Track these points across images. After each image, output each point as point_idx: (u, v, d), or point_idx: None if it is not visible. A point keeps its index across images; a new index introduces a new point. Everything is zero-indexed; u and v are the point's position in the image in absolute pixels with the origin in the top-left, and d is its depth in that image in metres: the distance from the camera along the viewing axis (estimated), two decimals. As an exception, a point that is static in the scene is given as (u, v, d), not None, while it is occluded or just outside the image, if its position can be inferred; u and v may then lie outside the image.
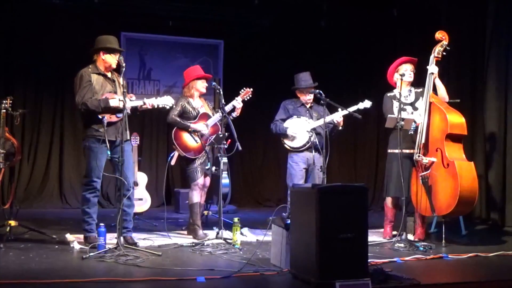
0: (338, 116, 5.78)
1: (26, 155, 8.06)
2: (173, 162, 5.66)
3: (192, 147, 5.54)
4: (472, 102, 6.92)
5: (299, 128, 5.89)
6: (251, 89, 5.69)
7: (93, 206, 4.94)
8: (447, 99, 5.49)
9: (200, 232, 5.44)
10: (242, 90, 5.69)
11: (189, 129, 5.52)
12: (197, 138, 5.52)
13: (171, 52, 9.02)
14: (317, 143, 5.76)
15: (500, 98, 6.63)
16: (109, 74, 5.00)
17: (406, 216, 5.22)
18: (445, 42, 5.42)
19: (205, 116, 5.62)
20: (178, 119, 5.55)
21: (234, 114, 5.60)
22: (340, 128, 5.90)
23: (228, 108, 5.55)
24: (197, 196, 5.55)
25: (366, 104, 5.83)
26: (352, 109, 5.77)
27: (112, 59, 4.93)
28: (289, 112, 6.00)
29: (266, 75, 8.69)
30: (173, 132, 5.59)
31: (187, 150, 5.52)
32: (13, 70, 8.14)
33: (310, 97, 5.94)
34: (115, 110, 4.80)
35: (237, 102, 5.57)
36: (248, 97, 5.71)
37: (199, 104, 5.69)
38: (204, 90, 5.73)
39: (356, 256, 3.64)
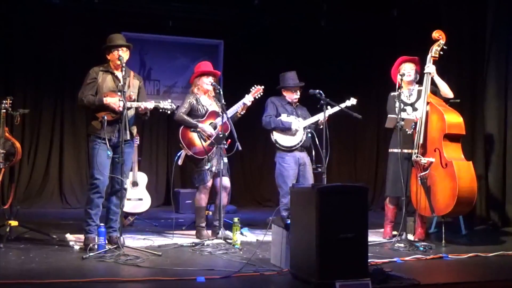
0: (326, 115, 5.58)
1: (26, 155, 8.06)
2: (180, 162, 5.49)
3: (200, 147, 5.36)
4: (472, 102, 6.91)
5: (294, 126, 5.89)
6: (262, 87, 5.63)
7: (96, 207, 4.82)
8: (450, 95, 5.43)
9: (205, 232, 5.40)
10: (253, 88, 5.62)
11: (197, 129, 5.39)
12: (205, 138, 5.38)
13: (171, 52, 9.03)
14: (310, 142, 5.82)
15: (500, 98, 6.62)
16: (118, 73, 4.92)
17: (406, 216, 5.21)
18: (442, 41, 5.40)
19: (214, 114, 5.48)
20: (185, 117, 5.40)
21: (241, 111, 5.54)
22: (321, 127, 5.69)
23: (237, 106, 5.50)
24: (204, 200, 5.41)
25: (352, 101, 5.88)
26: (336, 109, 5.69)
27: (114, 56, 4.89)
28: (277, 109, 5.97)
29: (266, 75, 8.62)
30: (180, 130, 5.41)
31: (195, 150, 5.37)
32: (13, 70, 8.14)
33: (297, 96, 5.98)
34: (111, 109, 4.78)
35: (248, 100, 5.51)
36: (259, 95, 5.65)
37: (208, 103, 5.56)
38: (209, 88, 5.53)
39: (356, 256, 3.63)
